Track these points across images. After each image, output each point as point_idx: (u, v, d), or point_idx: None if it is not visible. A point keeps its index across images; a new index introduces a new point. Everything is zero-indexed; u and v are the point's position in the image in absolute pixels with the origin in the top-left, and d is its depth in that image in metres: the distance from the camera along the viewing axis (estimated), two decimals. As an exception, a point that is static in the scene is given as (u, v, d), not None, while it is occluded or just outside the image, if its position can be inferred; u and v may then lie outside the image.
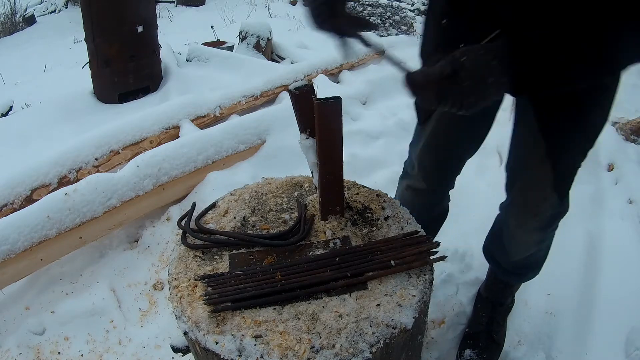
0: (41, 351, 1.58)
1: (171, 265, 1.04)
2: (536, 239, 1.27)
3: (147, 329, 1.67)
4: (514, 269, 1.43)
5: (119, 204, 1.90)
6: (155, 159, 2.05)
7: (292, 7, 8.35)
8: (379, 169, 2.44)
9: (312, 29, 1.02)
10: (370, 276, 0.95)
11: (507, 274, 1.47)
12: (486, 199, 1.86)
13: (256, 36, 4.73)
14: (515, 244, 1.32)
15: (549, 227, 1.23)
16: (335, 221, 1.12)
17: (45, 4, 9.22)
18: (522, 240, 1.28)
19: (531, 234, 1.24)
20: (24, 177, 2.05)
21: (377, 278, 0.95)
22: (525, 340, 1.57)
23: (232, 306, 0.89)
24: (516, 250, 1.34)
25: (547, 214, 1.17)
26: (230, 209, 1.20)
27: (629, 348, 1.52)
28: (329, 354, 0.81)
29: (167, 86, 3.65)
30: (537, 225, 1.21)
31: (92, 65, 3.49)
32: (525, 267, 1.42)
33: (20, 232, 1.67)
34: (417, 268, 0.97)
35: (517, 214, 1.25)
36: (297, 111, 1.04)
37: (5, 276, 1.67)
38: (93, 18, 3.30)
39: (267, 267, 1.00)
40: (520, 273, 1.45)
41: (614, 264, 1.84)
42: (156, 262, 1.92)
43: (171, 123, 2.65)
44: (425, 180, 1.36)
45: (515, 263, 1.40)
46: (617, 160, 2.53)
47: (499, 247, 1.41)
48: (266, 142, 2.45)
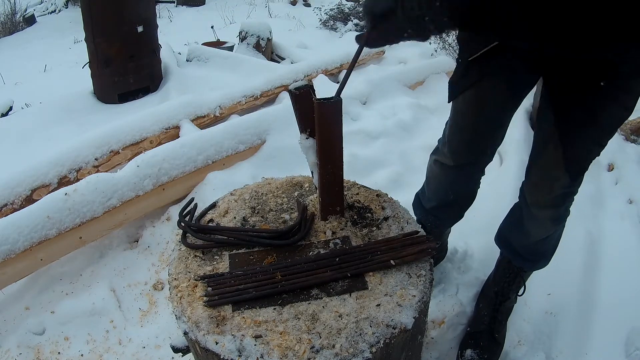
0: (41, 351, 1.58)
1: (171, 265, 1.04)
2: (552, 216, 1.34)
3: (147, 329, 1.67)
4: (529, 254, 1.47)
5: (119, 204, 1.90)
6: (155, 159, 2.05)
7: (292, 7, 8.35)
8: (379, 169, 2.44)
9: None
10: (365, 270, 0.95)
11: (521, 259, 1.50)
12: (486, 199, 1.85)
13: (256, 36, 4.73)
14: (535, 222, 1.38)
15: (562, 204, 1.31)
16: (335, 221, 1.12)
17: (45, 4, 9.21)
18: (540, 217, 1.36)
19: (547, 210, 1.33)
20: (24, 177, 2.05)
21: (373, 273, 0.95)
22: (525, 340, 1.57)
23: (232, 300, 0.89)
24: (536, 230, 1.40)
25: (559, 192, 1.26)
26: (230, 209, 1.21)
27: (629, 348, 1.52)
28: (329, 354, 0.81)
29: (167, 86, 3.65)
30: (550, 203, 1.30)
31: (92, 65, 3.49)
32: (539, 253, 1.47)
33: (20, 232, 1.67)
34: (413, 263, 0.97)
35: (533, 192, 1.34)
36: (297, 111, 1.04)
37: (5, 276, 1.67)
38: (93, 18, 3.30)
39: (267, 267, 1.00)
40: (534, 260, 1.49)
41: (614, 264, 1.84)
42: (156, 262, 1.92)
43: (171, 123, 2.65)
44: (452, 158, 1.42)
45: (532, 247, 1.45)
46: (617, 160, 2.53)
47: (517, 231, 1.47)
48: (266, 142, 2.45)
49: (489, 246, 1.73)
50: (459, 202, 1.60)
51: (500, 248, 1.57)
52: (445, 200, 1.55)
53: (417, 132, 2.87)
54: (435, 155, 1.52)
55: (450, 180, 1.50)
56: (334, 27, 6.45)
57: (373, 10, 0.93)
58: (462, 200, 1.60)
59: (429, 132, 2.80)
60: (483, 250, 1.83)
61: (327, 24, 6.57)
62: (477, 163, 1.47)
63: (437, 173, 1.52)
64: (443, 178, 1.51)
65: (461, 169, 1.45)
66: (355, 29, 6.15)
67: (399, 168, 2.45)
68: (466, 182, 1.54)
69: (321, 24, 6.64)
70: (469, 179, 1.53)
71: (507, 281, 1.57)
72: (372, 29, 0.96)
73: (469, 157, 1.42)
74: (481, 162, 1.47)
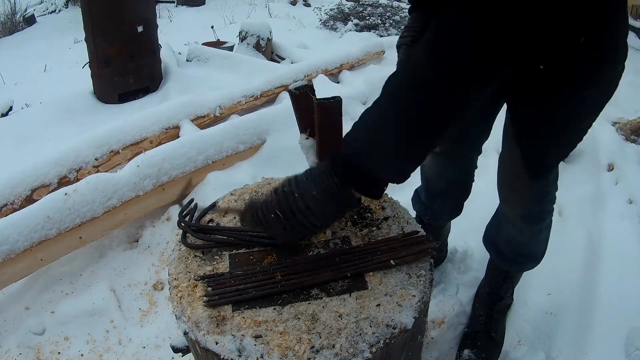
0: (41, 351, 1.58)
1: (171, 265, 1.04)
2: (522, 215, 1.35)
3: (147, 329, 1.67)
4: (515, 257, 1.47)
5: (119, 204, 1.90)
6: (155, 159, 2.05)
7: (292, 7, 8.35)
8: (379, 169, 2.44)
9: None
10: (365, 270, 0.95)
11: (507, 261, 1.50)
12: (485, 199, 1.85)
13: (256, 36, 4.73)
14: (507, 221, 1.41)
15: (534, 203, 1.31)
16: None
17: (45, 4, 9.22)
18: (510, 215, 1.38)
19: (516, 209, 1.35)
20: (24, 177, 2.05)
21: (373, 273, 0.95)
22: (525, 340, 1.57)
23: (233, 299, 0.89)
24: (509, 229, 1.41)
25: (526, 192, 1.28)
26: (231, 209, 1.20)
27: (629, 348, 1.52)
28: (329, 354, 0.81)
29: (167, 86, 3.65)
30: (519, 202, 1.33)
31: (92, 65, 3.49)
32: (525, 255, 1.47)
33: (20, 232, 1.67)
34: (413, 263, 0.97)
35: (501, 190, 1.38)
36: (297, 111, 1.04)
37: (5, 276, 1.67)
38: (93, 18, 3.30)
39: (267, 267, 1.00)
40: (519, 261, 1.49)
41: (614, 264, 1.84)
42: (156, 262, 1.92)
43: (171, 123, 2.65)
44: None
45: (516, 249, 1.45)
46: (617, 160, 2.53)
47: (500, 234, 1.48)
48: (266, 142, 2.45)
49: (489, 246, 1.73)
50: (453, 192, 1.61)
51: (487, 250, 1.57)
52: (439, 188, 1.57)
53: (417, 132, 2.87)
54: None
55: (440, 167, 1.52)
56: (334, 27, 6.46)
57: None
58: (456, 190, 1.61)
59: (429, 132, 2.79)
60: (483, 250, 1.82)
61: (327, 24, 6.58)
62: (464, 154, 1.50)
63: (428, 161, 1.53)
64: (434, 165, 1.54)
65: (449, 156, 1.47)
66: (355, 29, 6.15)
67: (399, 168, 2.45)
68: (457, 169, 1.55)
69: (321, 24, 6.64)
70: (459, 167, 1.55)
71: (497, 282, 1.58)
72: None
73: (453, 146, 1.44)
74: (468, 154, 1.50)
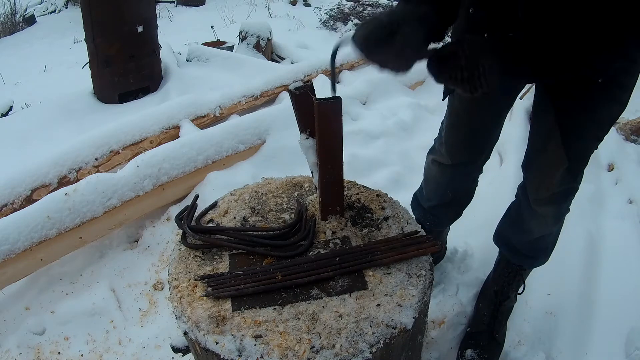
0: (41, 351, 1.58)
1: (171, 265, 1.04)
2: (554, 213, 1.35)
3: (147, 329, 1.67)
4: (529, 252, 1.48)
5: (119, 204, 1.90)
6: (155, 159, 2.05)
7: (292, 7, 8.35)
8: (379, 169, 2.44)
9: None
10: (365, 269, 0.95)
11: (520, 257, 1.50)
12: (486, 199, 1.85)
13: (256, 36, 4.73)
14: (537, 220, 1.39)
15: (564, 200, 1.32)
16: (335, 221, 1.12)
17: (45, 4, 9.21)
18: (542, 214, 1.36)
19: (549, 207, 1.34)
20: (24, 177, 2.05)
21: (374, 273, 0.95)
22: (525, 340, 1.57)
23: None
24: (538, 227, 1.41)
25: (560, 189, 1.27)
26: (230, 209, 1.21)
27: (629, 348, 1.52)
28: (329, 354, 0.81)
29: (167, 86, 3.65)
30: (553, 200, 1.31)
31: (92, 65, 3.49)
32: (539, 249, 1.48)
33: (20, 232, 1.67)
34: (413, 263, 0.97)
35: (534, 190, 1.34)
36: (297, 111, 1.04)
37: (5, 276, 1.67)
38: (93, 18, 3.30)
39: (267, 267, 1.00)
40: (533, 256, 1.49)
41: (614, 264, 1.83)
42: (156, 262, 1.92)
43: (171, 123, 2.65)
44: (449, 157, 1.43)
45: (531, 244, 1.45)
46: (617, 160, 2.53)
47: (516, 229, 1.48)
48: (266, 142, 2.45)
49: (488, 246, 1.73)
50: (458, 201, 1.60)
51: (499, 247, 1.57)
52: (444, 199, 1.55)
53: (417, 132, 2.87)
54: (432, 155, 1.53)
55: (448, 179, 1.50)
56: (334, 27, 6.46)
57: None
58: (461, 198, 1.60)
59: (429, 132, 2.78)
60: (483, 250, 1.83)
61: (327, 24, 6.58)
62: (475, 161, 1.48)
63: (435, 172, 1.52)
64: (441, 177, 1.51)
65: (459, 168, 1.46)
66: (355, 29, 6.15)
67: (399, 168, 2.45)
68: (464, 180, 1.54)
69: (321, 24, 6.64)
70: (467, 178, 1.54)
71: (507, 280, 1.57)
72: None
73: (465, 155, 1.43)
74: (478, 161, 1.48)
